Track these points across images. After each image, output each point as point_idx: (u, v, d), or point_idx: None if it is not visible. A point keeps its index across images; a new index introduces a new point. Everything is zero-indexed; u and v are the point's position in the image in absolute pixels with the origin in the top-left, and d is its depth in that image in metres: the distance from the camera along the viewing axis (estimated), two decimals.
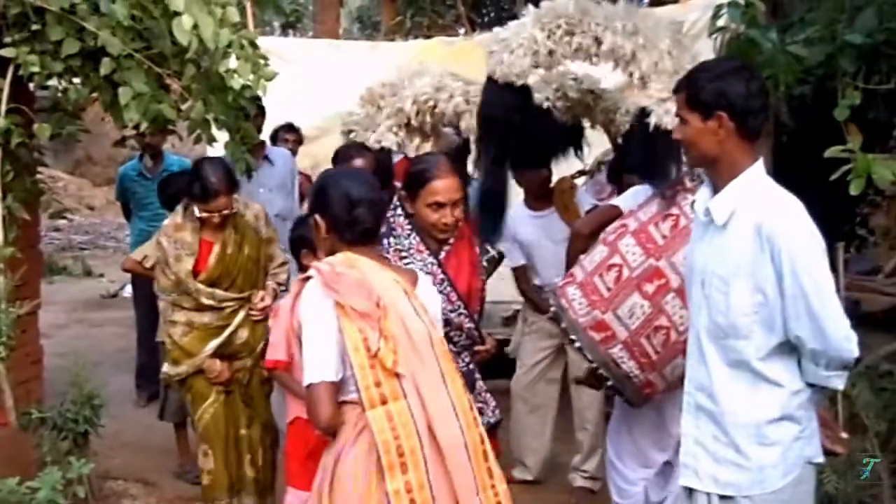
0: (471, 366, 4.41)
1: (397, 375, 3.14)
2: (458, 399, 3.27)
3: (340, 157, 5.43)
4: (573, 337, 4.48)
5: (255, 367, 5.31)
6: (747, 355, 3.15)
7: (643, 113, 4.69)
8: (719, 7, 5.63)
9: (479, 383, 4.50)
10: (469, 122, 5.55)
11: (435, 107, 5.57)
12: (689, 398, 3.36)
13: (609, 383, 4.52)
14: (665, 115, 4.50)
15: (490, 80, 5.05)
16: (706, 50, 6.72)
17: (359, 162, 5.24)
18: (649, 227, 4.43)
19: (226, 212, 5.09)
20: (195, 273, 5.16)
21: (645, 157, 4.78)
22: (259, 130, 6.73)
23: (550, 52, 4.87)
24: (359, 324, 3.12)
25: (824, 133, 4.68)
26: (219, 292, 5.18)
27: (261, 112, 6.68)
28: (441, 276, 4.19)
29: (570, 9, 4.88)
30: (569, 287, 4.58)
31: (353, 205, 3.31)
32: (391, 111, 5.52)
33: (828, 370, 3.13)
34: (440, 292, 3.91)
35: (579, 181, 6.85)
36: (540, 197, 6.18)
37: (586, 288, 4.47)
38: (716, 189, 3.25)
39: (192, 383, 5.28)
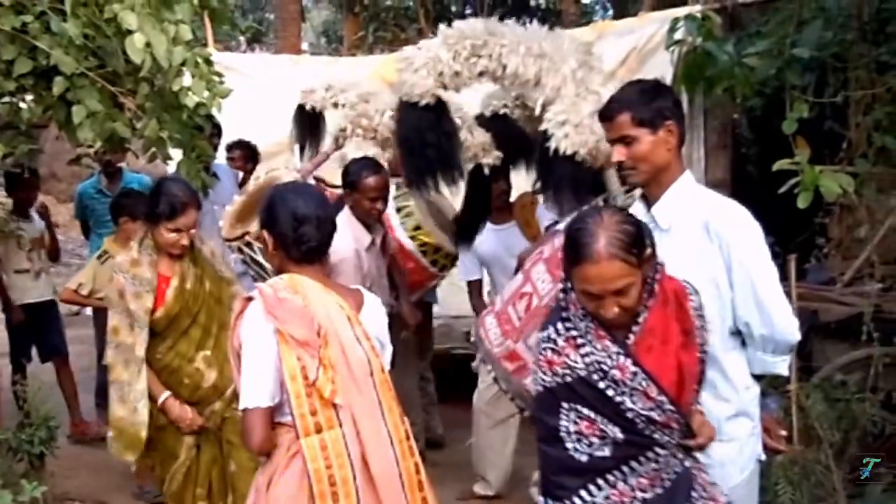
0: (686, 463, 3.10)
1: (334, 405, 3.13)
2: (395, 429, 3.27)
3: (352, 172, 5.35)
4: (489, 367, 4.49)
5: (227, 408, 4.72)
6: (710, 349, 3.25)
7: (544, 137, 4.67)
8: (676, 20, 5.68)
9: (703, 475, 3.15)
10: None
11: None
12: None
13: (525, 414, 4.52)
14: (564, 138, 4.50)
15: (401, 100, 5.04)
16: (663, 63, 6.80)
17: (371, 180, 5.20)
18: (559, 253, 4.42)
19: (193, 230, 4.68)
20: (153, 310, 4.67)
21: (546, 180, 4.80)
22: (215, 148, 6.70)
23: (457, 73, 4.86)
24: (297, 351, 3.10)
25: (780, 144, 4.72)
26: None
27: (216, 131, 6.66)
28: (632, 368, 2.98)
29: (477, 30, 4.87)
30: (487, 316, 4.61)
31: (299, 222, 3.29)
32: (361, 126, 5.47)
33: (774, 355, 3.33)
34: (634, 389, 2.99)
35: (541, 196, 6.84)
36: (499, 209, 6.17)
37: (501, 317, 4.48)
38: (650, 200, 3.43)
39: (160, 440, 4.74)
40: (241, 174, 8.04)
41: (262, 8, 25.98)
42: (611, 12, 19.78)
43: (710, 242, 3.25)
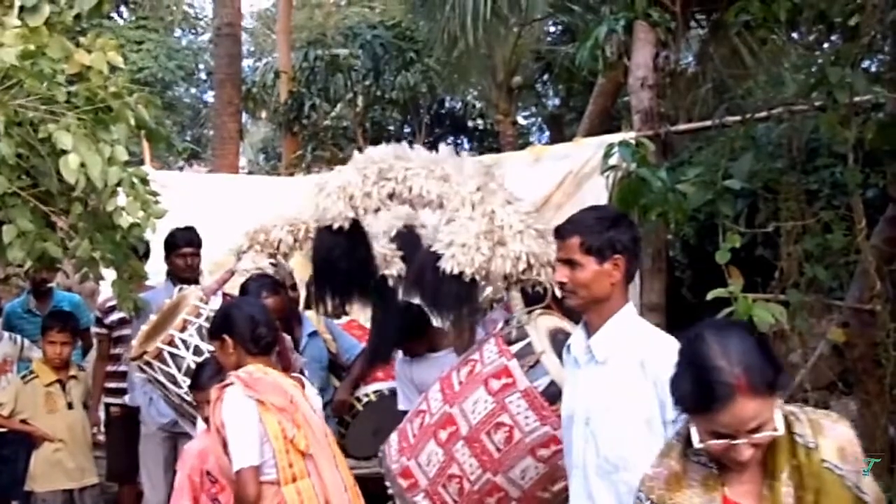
0: None
1: (304, 457, 4.02)
2: (347, 478, 4.21)
3: (251, 291, 5.25)
4: (387, 484, 4.55)
5: None
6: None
7: (433, 257, 4.76)
8: (611, 146, 5.75)
9: None
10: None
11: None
12: None
13: None
14: (451, 258, 4.57)
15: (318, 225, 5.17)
16: (599, 187, 6.87)
17: (269, 301, 5.12)
18: (453, 373, 4.48)
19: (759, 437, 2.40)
20: None
21: (433, 298, 4.86)
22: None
23: (367, 195, 4.97)
24: (278, 416, 3.97)
25: (714, 269, 4.77)
26: None
27: (146, 251, 6.54)
28: None
29: (385, 155, 5.04)
30: (393, 433, 4.66)
31: (255, 324, 4.18)
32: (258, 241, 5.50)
33: None
34: None
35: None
36: (435, 335, 6.05)
37: (401, 433, 4.55)
38: (591, 329, 3.40)
39: None
40: None
41: (201, 125, 26.08)
42: (547, 134, 20.16)
43: (644, 380, 3.22)
